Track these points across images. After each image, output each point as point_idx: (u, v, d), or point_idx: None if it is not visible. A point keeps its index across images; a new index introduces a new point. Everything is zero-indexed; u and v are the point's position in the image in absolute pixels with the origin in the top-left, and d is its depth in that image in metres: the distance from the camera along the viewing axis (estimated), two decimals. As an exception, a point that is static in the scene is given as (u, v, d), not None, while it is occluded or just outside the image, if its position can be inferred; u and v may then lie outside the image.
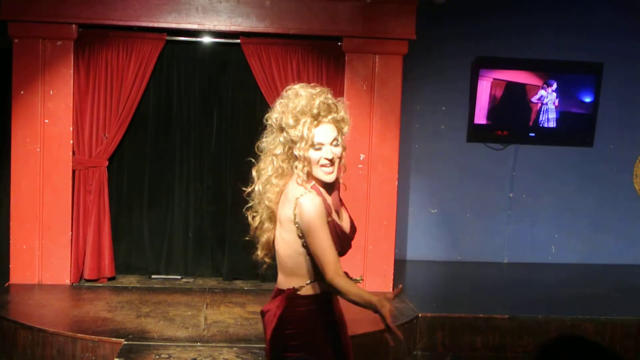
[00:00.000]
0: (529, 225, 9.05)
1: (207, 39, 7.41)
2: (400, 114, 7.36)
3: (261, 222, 3.39)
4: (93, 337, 5.72)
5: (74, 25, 6.95)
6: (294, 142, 3.22)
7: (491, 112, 8.63)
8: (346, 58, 7.25)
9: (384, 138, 7.27)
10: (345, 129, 3.31)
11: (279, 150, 3.30)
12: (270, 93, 7.20)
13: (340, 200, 3.44)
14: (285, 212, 3.25)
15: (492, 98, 8.58)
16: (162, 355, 5.41)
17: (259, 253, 3.44)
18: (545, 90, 8.59)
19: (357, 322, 3.44)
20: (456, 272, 8.58)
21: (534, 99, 8.61)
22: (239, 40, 7.24)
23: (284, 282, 3.36)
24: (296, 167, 3.26)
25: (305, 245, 3.22)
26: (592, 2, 8.75)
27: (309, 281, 3.29)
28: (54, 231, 7.07)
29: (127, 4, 6.99)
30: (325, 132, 3.23)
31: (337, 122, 3.27)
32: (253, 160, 3.45)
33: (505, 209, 9.01)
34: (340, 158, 3.28)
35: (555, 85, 8.58)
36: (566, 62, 8.67)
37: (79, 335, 5.76)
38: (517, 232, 9.03)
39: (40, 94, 6.97)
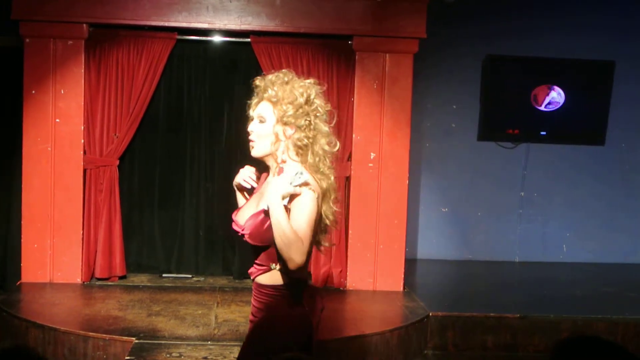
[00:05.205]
0: (540, 224, 9.02)
1: (217, 38, 7.41)
2: (411, 113, 7.34)
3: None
4: (104, 335, 5.72)
5: (84, 25, 6.97)
6: None
7: (502, 111, 8.61)
8: (357, 57, 7.23)
9: (395, 137, 7.26)
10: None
11: None
12: (280, 92, 7.19)
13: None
14: None
15: (502, 97, 8.56)
16: (173, 354, 5.42)
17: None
18: (555, 90, 8.55)
19: (368, 321, 3.40)
20: (467, 271, 8.55)
21: (543, 98, 8.57)
22: (249, 39, 7.23)
23: None
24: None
25: None
26: (603, 1, 8.70)
27: None
28: (65, 230, 7.09)
29: (137, 3, 7.00)
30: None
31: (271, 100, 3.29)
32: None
33: (517, 208, 8.98)
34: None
35: (560, 88, 8.54)
36: (577, 61, 8.62)
37: (90, 333, 5.76)
38: (528, 231, 9.00)
39: (52, 93, 6.99)
